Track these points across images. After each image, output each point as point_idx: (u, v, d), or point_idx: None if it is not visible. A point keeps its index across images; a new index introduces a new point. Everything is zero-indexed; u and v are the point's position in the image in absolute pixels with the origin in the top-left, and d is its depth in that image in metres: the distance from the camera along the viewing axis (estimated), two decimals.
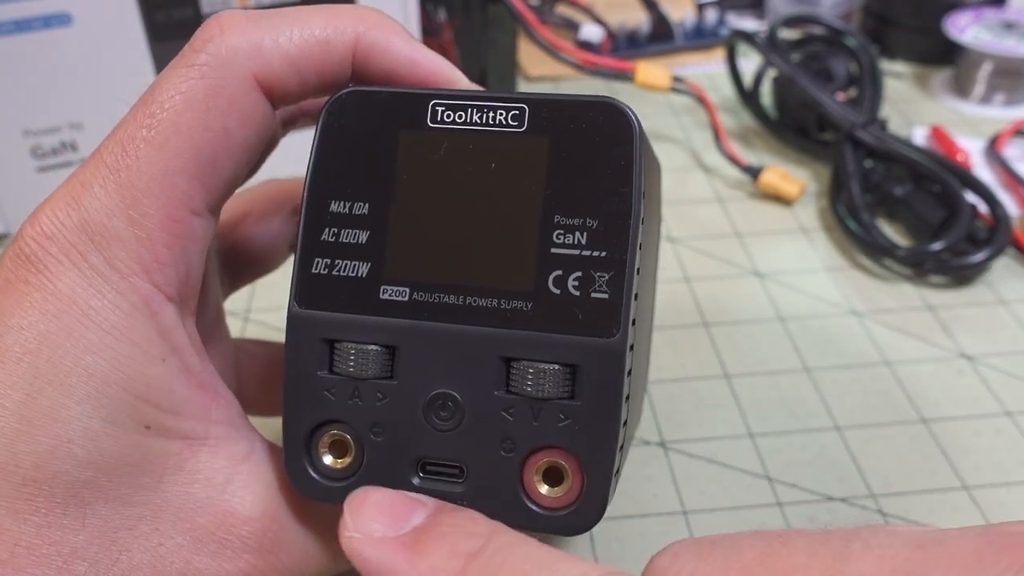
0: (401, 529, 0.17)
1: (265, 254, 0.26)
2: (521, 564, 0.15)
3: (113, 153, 0.18)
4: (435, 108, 0.20)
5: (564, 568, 0.15)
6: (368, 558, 0.16)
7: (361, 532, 0.17)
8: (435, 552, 0.16)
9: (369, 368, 0.19)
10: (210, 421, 0.20)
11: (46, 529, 0.17)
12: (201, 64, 0.19)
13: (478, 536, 0.16)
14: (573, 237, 0.19)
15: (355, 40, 0.20)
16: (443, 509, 0.17)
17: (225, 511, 0.19)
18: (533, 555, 0.16)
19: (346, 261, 0.19)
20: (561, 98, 0.19)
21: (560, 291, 0.18)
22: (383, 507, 0.17)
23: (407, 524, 0.17)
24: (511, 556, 0.16)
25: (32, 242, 0.18)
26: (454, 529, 0.16)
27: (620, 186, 0.19)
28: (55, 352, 0.17)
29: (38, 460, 0.17)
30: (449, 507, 0.18)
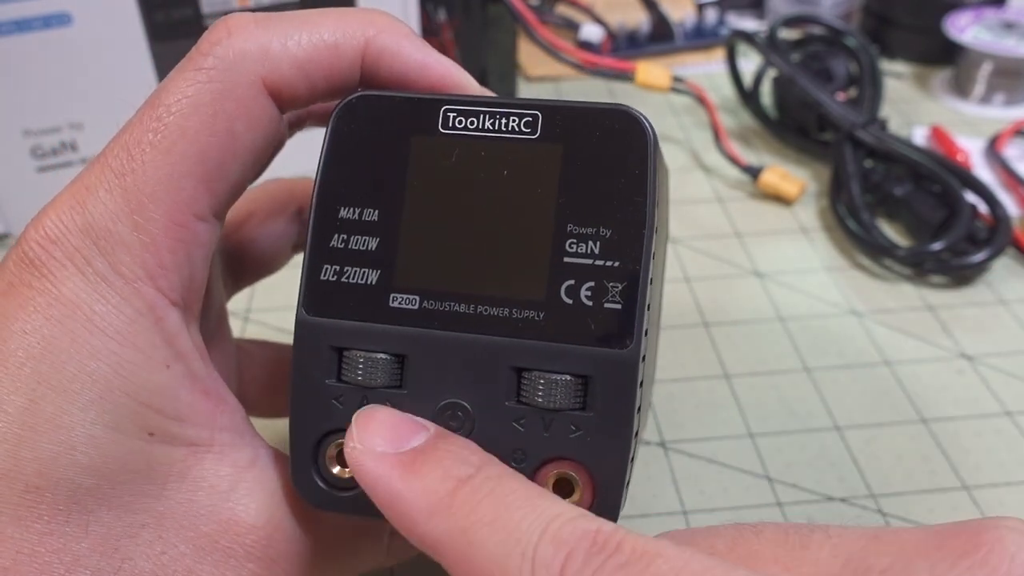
0: (401, 448, 0.17)
1: (269, 255, 0.26)
2: (505, 494, 0.16)
3: (118, 157, 0.18)
4: (447, 114, 0.19)
5: (544, 505, 0.16)
6: (368, 470, 0.17)
7: (364, 445, 0.17)
8: (429, 474, 0.17)
9: (378, 377, 0.19)
10: (215, 428, 0.19)
11: (48, 536, 0.17)
12: (208, 68, 0.19)
13: (471, 464, 0.17)
14: (586, 246, 0.18)
15: (365, 44, 0.20)
16: (443, 435, 0.18)
17: (229, 519, 0.19)
18: (519, 489, 0.16)
19: (355, 268, 0.19)
20: (575, 105, 0.19)
21: (572, 301, 0.18)
22: (387, 425, 0.18)
23: (407, 444, 0.17)
24: (498, 487, 0.16)
25: (36, 246, 0.18)
26: (448, 454, 0.17)
27: (634, 195, 0.18)
28: (59, 357, 0.17)
29: (41, 467, 0.17)
30: (449, 434, 0.18)
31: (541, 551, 0.15)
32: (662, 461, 0.31)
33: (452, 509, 0.16)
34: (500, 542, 0.15)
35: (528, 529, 0.15)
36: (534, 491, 0.16)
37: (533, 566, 0.15)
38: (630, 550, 0.14)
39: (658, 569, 0.14)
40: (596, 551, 0.14)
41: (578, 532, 0.15)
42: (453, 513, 0.16)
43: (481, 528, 0.15)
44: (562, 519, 0.15)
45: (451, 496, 0.16)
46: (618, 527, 0.15)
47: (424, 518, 0.16)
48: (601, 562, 0.14)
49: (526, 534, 0.15)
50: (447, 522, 0.16)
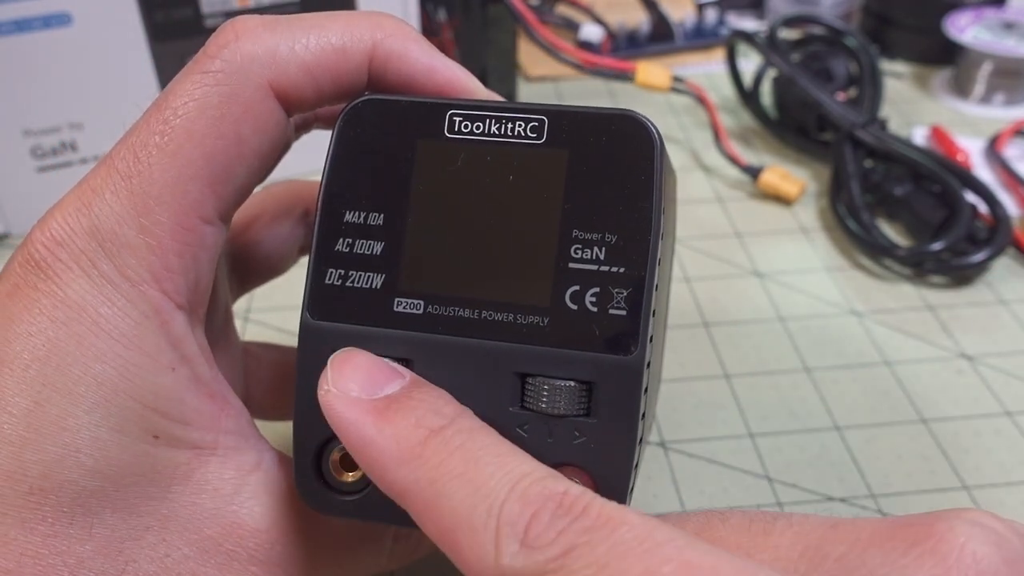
0: (375, 394, 0.17)
1: (275, 257, 0.26)
2: (476, 450, 0.16)
3: (125, 159, 0.18)
4: (453, 118, 0.19)
5: (513, 462, 0.16)
6: (340, 414, 0.17)
7: (338, 389, 0.17)
8: (401, 421, 0.17)
9: None
10: (219, 431, 0.19)
11: (52, 539, 0.17)
12: (216, 71, 0.19)
13: (444, 415, 0.17)
14: (591, 252, 0.18)
15: (372, 48, 0.20)
16: (418, 383, 0.18)
17: (233, 522, 0.19)
18: (490, 444, 0.16)
19: (360, 272, 0.19)
20: (581, 110, 0.19)
21: (577, 307, 0.18)
22: (362, 370, 0.18)
23: (381, 391, 0.17)
24: (469, 440, 0.16)
25: (42, 247, 0.18)
26: (422, 404, 0.17)
27: (640, 201, 0.18)
28: (64, 360, 0.17)
29: (45, 469, 0.17)
30: (424, 383, 0.18)
31: (507, 508, 0.15)
32: (662, 461, 0.31)
33: (422, 459, 0.16)
34: (467, 496, 0.15)
35: (496, 486, 0.15)
36: (505, 447, 0.16)
37: (498, 523, 0.15)
38: (596, 514, 0.14)
39: (622, 536, 0.14)
40: (562, 513, 0.14)
41: (546, 492, 0.15)
42: (423, 463, 0.16)
43: (449, 480, 0.15)
44: (531, 478, 0.15)
45: (422, 446, 0.16)
46: (586, 491, 0.15)
47: (394, 465, 0.16)
48: (566, 524, 0.14)
49: (493, 490, 0.15)
50: (416, 472, 0.16)
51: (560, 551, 0.14)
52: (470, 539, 0.15)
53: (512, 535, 0.14)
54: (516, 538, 0.14)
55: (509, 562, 0.14)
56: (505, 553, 0.14)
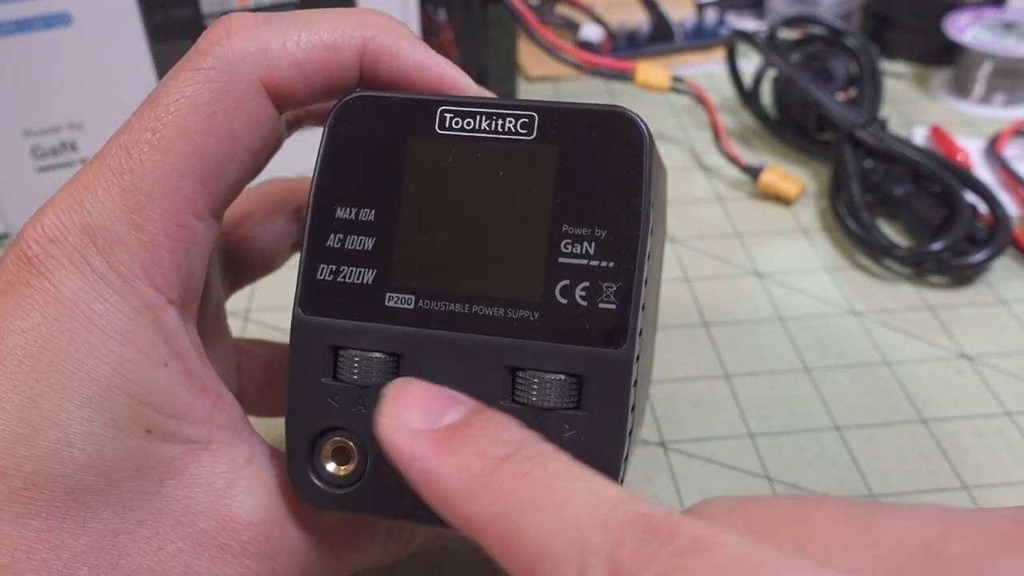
0: (435, 424, 0.17)
1: (268, 254, 0.26)
2: (547, 476, 0.15)
3: (117, 156, 0.18)
4: (444, 115, 0.19)
5: (589, 486, 0.15)
6: (401, 448, 0.16)
7: (397, 421, 0.17)
8: (465, 452, 0.16)
9: (374, 376, 0.19)
10: (212, 425, 0.19)
11: (46, 533, 0.17)
12: (207, 67, 0.19)
13: (509, 442, 0.16)
14: (581, 247, 0.18)
15: (363, 44, 0.20)
16: (479, 411, 0.17)
17: (226, 516, 0.19)
18: (561, 470, 0.15)
19: (351, 268, 0.19)
20: (571, 106, 0.19)
21: (567, 301, 0.18)
22: (421, 400, 0.17)
23: (441, 420, 0.17)
24: (539, 466, 0.15)
25: (34, 244, 0.18)
26: (486, 432, 0.16)
27: (629, 196, 0.18)
28: (57, 356, 0.17)
29: (39, 464, 0.17)
30: (485, 409, 0.17)
31: (591, 536, 0.14)
32: (662, 461, 0.31)
33: (492, 490, 0.15)
34: (545, 526, 0.14)
35: (575, 513, 0.14)
36: (579, 470, 0.15)
37: (582, 553, 0.14)
38: (687, 537, 0.14)
39: (719, 558, 0.13)
40: (650, 537, 0.14)
41: (628, 517, 0.14)
42: (493, 494, 0.15)
43: (523, 511, 0.15)
44: (610, 503, 0.14)
45: (491, 476, 0.15)
46: (669, 511, 0.14)
47: (464, 500, 0.15)
48: (655, 549, 0.13)
49: (573, 519, 0.14)
50: (488, 504, 0.15)
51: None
52: (552, 569, 0.14)
53: (599, 565, 0.14)
54: (603, 568, 0.14)
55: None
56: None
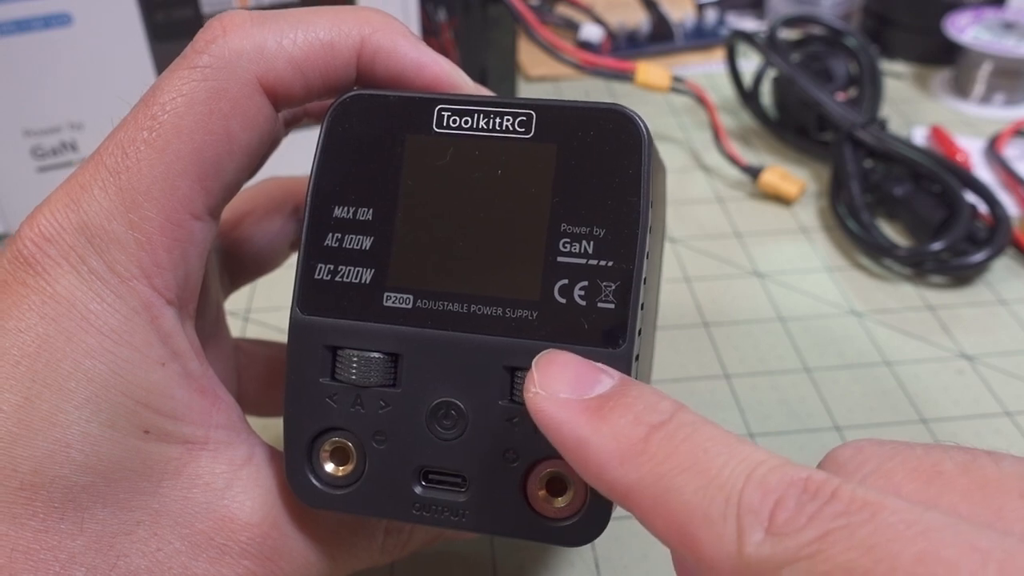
0: (585, 394, 0.16)
1: (266, 253, 0.26)
2: (703, 441, 0.15)
3: (113, 155, 0.18)
4: (441, 113, 0.19)
5: (745, 451, 0.15)
6: (552, 416, 0.16)
7: (547, 391, 0.16)
8: (619, 419, 0.16)
9: (372, 376, 0.19)
10: (210, 426, 0.19)
11: (44, 534, 0.17)
12: (204, 66, 0.18)
13: (662, 411, 0.16)
14: (580, 246, 0.18)
15: (360, 43, 0.20)
16: (629, 381, 0.17)
17: (224, 516, 0.19)
18: (716, 435, 0.15)
19: (349, 267, 0.19)
20: (569, 104, 0.19)
21: (566, 300, 0.18)
22: (570, 369, 0.17)
23: (591, 391, 0.16)
24: (694, 433, 0.15)
25: (31, 244, 0.18)
26: (639, 400, 0.16)
27: (628, 195, 0.18)
28: (54, 356, 0.17)
29: (36, 464, 0.17)
30: (635, 381, 0.17)
31: (747, 496, 0.14)
32: None
33: (646, 455, 0.15)
34: (700, 488, 0.14)
35: (731, 475, 0.14)
36: (734, 438, 0.15)
37: (738, 511, 0.14)
38: (849, 498, 0.13)
39: (886, 518, 0.13)
40: (808, 498, 0.13)
41: (787, 478, 0.14)
42: (648, 459, 0.15)
43: (679, 474, 0.14)
44: (767, 465, 0.14)
45: (644, 442, 0.15)
46: (831, 476, 0.14)
47: (615, 464, 0.15)
48: (816, 508, 0.13)
49: (729, 480, 0.14)
50: (640, 468, 0.15)
51: (814, 535, 0.13)
52: (707, 531, 0.14)
53: (756, 523, 0.13)
54: (760, 526, 0.13)
55: (754, 551, 0.13)
56: (749, 542, 0.13)
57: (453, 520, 0.19)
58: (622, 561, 0.27)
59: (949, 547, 0.12)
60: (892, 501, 0.13)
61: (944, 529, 0.12)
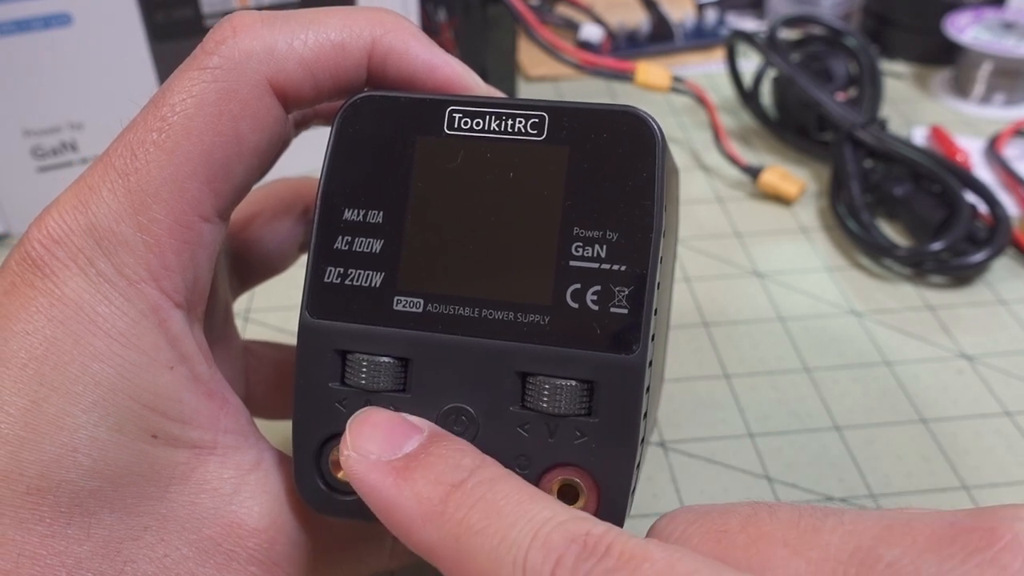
0: (394, 453, 0.17)
1: (275, 255, 0.25)
2: (498, 500, 0.16)
3: (122, 156, 0.18)
4: (452, 115, 0.19)
5: (534, 509, 0.15)
6: (361, 478, 0.17)
7: (358, 452, 0.17)
8: (420, 480, 0.16)
9: (381, 380, 0.19)
10: (218, 430, 0.19)
11: (50, 539, 0.17)
12: (214, 67, 0.18)
13: (463, 468, 0.16)
14: (592, 250, 0.18)
15: (371, 44, 0.20)
16: (436, 438, 0.17)
17: (232, 522, 0.19)
18: (511, 493, 0.16)
19: (359, 271, 0.19)
20: (582, 106, 0.19)
21: (578, 305, 0.18)
22: (381, 430, 0.17)
23: (400, 449, 0.17)
24: (489, 492, 0.16)
25: (39, 245, 0.18)
26: (441, 459, 0.17)
27: (641, 198, 0.18)
28: (61, 359, 0.17)
29: (43, 469, 0.17)
30: (443, 436, 0.18)
31: (531, 557, 0.14)
32: (662, 461, 0.31)
33: (444, 516, 0.16)
34: (492, 549, 0.15)
35: (518, 536, 0.15)
36: (525, 494, 0.16)
37: (523, 573, 0.14)
38: (618, 553, 0.14)
39: (645, 573, 0.14)
40: (585, 556, 0.14)
41: (567, 536, 0.15)
42: (445, 520, 0.16)
43: (473, 536, 0.15)
44: (552, 523, 0.15)
45: (443, 503, 0.16)
46: (609, 528, 0.15)
47: (418, 525, 0.16)
48: (590, 567, 0.14)
49: (516, 541, 0.15)
50: (440, 530, 0.16)
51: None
52: None
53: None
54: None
55: None
56: None
57: None
58: None
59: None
60: (654, 551, 0.14)
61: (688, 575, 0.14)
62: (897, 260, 0.39)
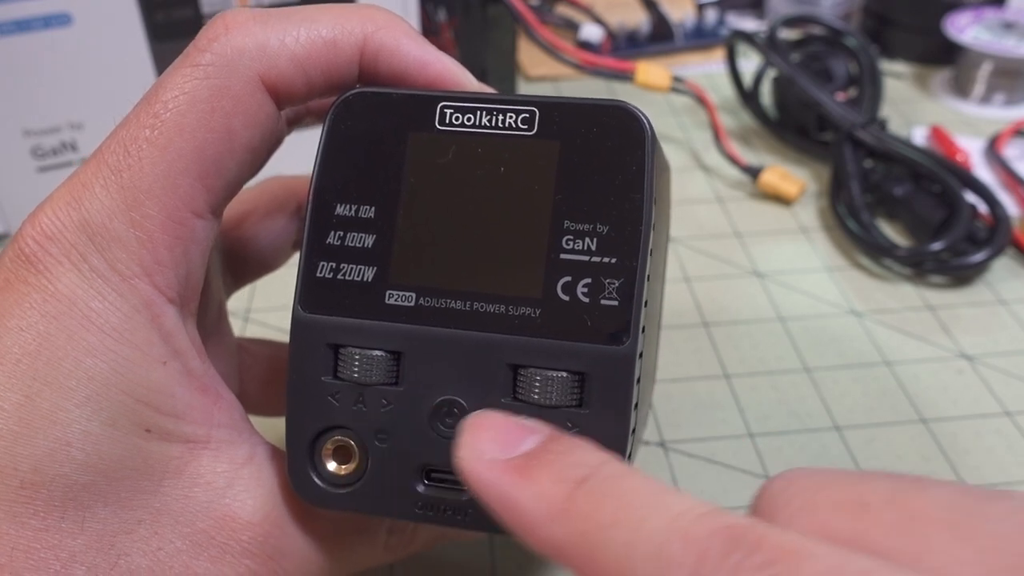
0: (511, 453, 0.16)
1: (268, 253, 0.26)
2: (627, 494, 0.15)
3: (115, 153, 0.18)
4: (444, 110, 0.19)
5: (668, 501, 0.14)
6: (479, 478, 0.16)
7: (474, 453, 0.17)
8: (542, 478, 0.16)
9: (374, 374, 0.19)
10: (211, 424, 0.19)
11: (44, 533, 0.17)
12: (206, 64, 0.18)
13: (586, 465, 0.16)
14: (583, 243, 0.18)
15: (363, 41, 0.20)
16: (555, 437, 0.17)
17: (225, 515, 0.19)
18: (639, 486, 0.15)
19: (352, 265, 0.19)
20: (572, 101, 0.19)
21: (569, 298, 0.18)
22: (497, 430, 0.17)
23: (517, 449, 0.16)
24: (617, 487, 0.15)
25: (32, 242, 0.18)
26: (562, 456, 0.16)
27: (631, 192, 0.18)
28: (55, 354, 0.17)
29: (37, 463, 0.17)
30: (563, 435, 0.17)
31: (671, 550, 0.14)
32: (662, 461, 0.31)
33: (570, 513, 0.15)
34: (624, 544, 0.14)
35: (653, 529, 0.14)
36: (656, 488, 0.15)
37: (664, 567, 0.13)
38: (772, 546, 0.13)
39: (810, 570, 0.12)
40: (733, 548, 0.13)
41: (709, 528, 0.14)
42: (571, 517, 0.15)
43: (604, 531, 0.14)
44: (690, 515, 0.14)
45: (568, 500, 0.15)
46: (754, 521, 0.14)
47: (542, 524, 0.15)
48: (739, 560, 0.13)
49: (651, 534, 0.14)
50: (566, 527, 0.15)
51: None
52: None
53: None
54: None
55: None
56: None
57: (456, 519, 0.19)
58: None
59: None
60: (816, 548, 0.13)
61: None
62: (897, 260, 0.39)
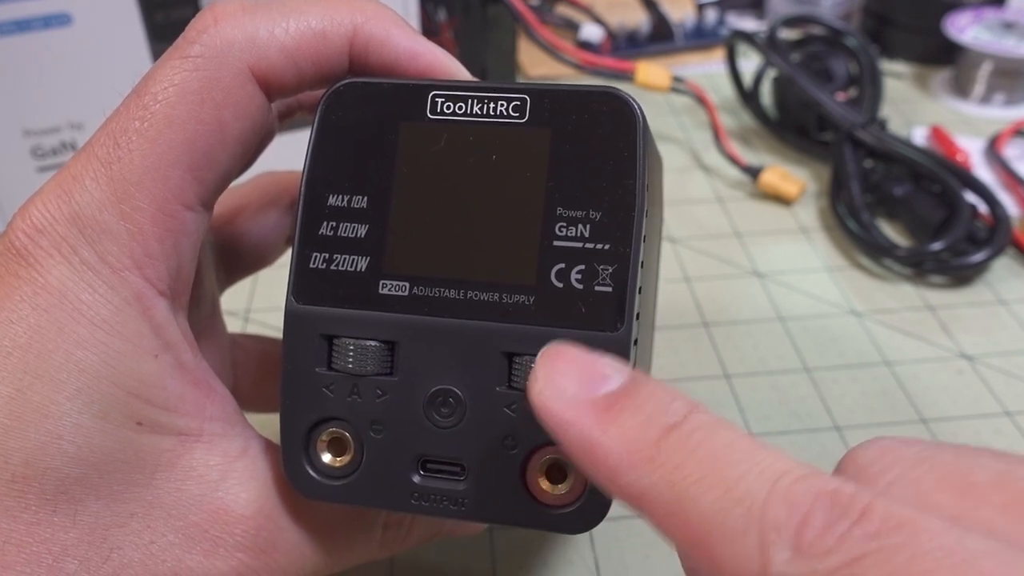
0: (594, 392, 0.15)
1: (262, 248, 0.26)
2: (720, 447, 0.14)
3: (105, 145, 0.18)
4: (435, 99, 0.19)
5: (767, 459, 0.14)
6: (558, 417, 0.15)
7: (552, 388, 0.15)
8: (629, 421, 0.15)
9: (368, 364, 0.19)
10: (204, 417, 0.19)
11: (36, 526, 0.17)
12: (195, 56, 0.18)
13: (675, 411, 0.15)
14: (576, 230, 0.18)
15: (353, 31, 0.20)
16: (641, 377, 0.16)
17: (218, 509, 0.19)
18: (734, 440, 0.14)
19: (344, 255, 0.19)
20: (563, 88, 0.19)
21: (563, 284, 0.18)
22: (577, 366, 0.16)
23: (600, 388, 0.15)
24: (710, 437, 0.14)
25: (22, 235, 0.18)
26: (650, 400, 0.15)
27: (623, 178, 0.18)
28: (45, 347, 0.17)
29: (28, 456, 0.17)
30: (648, 377, 0.16)
31: (771, 511, 0.13)
32: None
33: (657, 461, 0.14)
34: (717, 499, 0.13)
35: (752, 486, 0.13)
36: (753, 443, 0.14)
37: (761, 527, 0.13)
38: (881, 517, 0.12)
39: (924, 545, 0.12)
40: (839, 514, 0.12)
41: (814, 490, 0.13)
42: (660, 465, 0.14)
43: (694, 483, 0.14)
44: (792, 476, 0.13)
45: (656, 446, 0.14)
46: (861, 489, 0.13)
47: (625, 469, 0.14)
48: (847, 527, 0.12)
49: (749, 491, 0.13)
50: (653, 475, 0.14)
51: (846, 559, 0.12)
52: (727, 547, 0.13)
53: (781, 541, 0.13)
54: (787, 544, 0.12)
55: (781, 571, 0.12)
56: (775, 561, 0.13)
57: (452, 509, 0.19)
58: (622, 561, 0.27)
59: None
60: (929, 522, 0.12)
61: (986, 557, 0.12)
62: (897, 260, 0.39)
